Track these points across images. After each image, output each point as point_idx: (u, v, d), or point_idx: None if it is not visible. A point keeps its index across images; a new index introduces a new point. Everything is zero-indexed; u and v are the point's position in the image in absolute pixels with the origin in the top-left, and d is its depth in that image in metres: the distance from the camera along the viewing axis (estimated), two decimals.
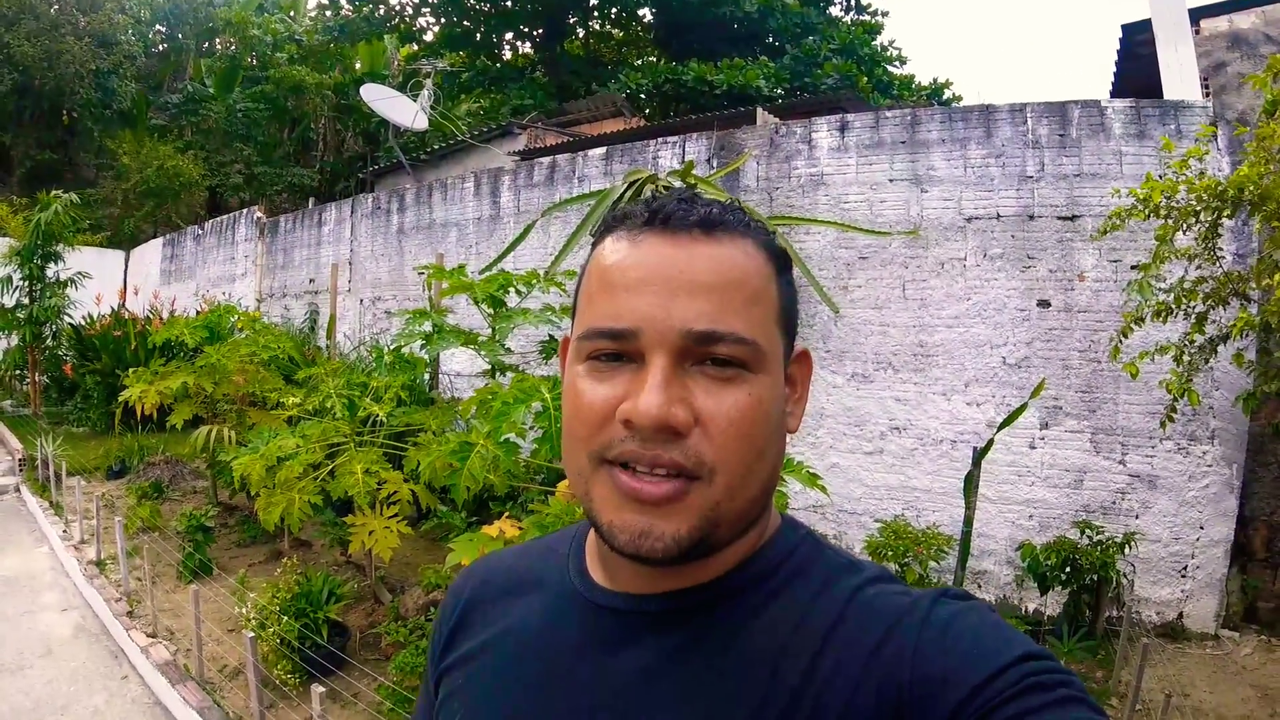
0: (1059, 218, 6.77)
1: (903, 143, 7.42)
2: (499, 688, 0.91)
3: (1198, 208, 4.50)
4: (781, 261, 0.86)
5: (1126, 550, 6.11)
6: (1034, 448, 6.73)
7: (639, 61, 22.94)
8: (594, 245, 0.87)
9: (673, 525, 0.77)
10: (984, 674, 0.70)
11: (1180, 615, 6.34)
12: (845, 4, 25.17)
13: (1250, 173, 4.26)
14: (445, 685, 0.98)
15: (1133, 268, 6.27)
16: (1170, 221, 4.65)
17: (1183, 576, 6.35)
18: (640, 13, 25.21)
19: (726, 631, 0.82)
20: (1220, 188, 4.38)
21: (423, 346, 6.28)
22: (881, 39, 24.52)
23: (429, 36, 26.20)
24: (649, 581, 0.85)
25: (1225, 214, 4.57)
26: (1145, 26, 8.25)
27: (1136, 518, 6.44)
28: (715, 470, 0.77)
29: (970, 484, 5.10)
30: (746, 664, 0.79)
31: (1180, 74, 7.38)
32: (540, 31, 24.91)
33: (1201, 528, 6.31)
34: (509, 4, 23.56)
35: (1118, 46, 9.38)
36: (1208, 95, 7.03)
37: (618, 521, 0.78)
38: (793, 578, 0.85)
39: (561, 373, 0.92)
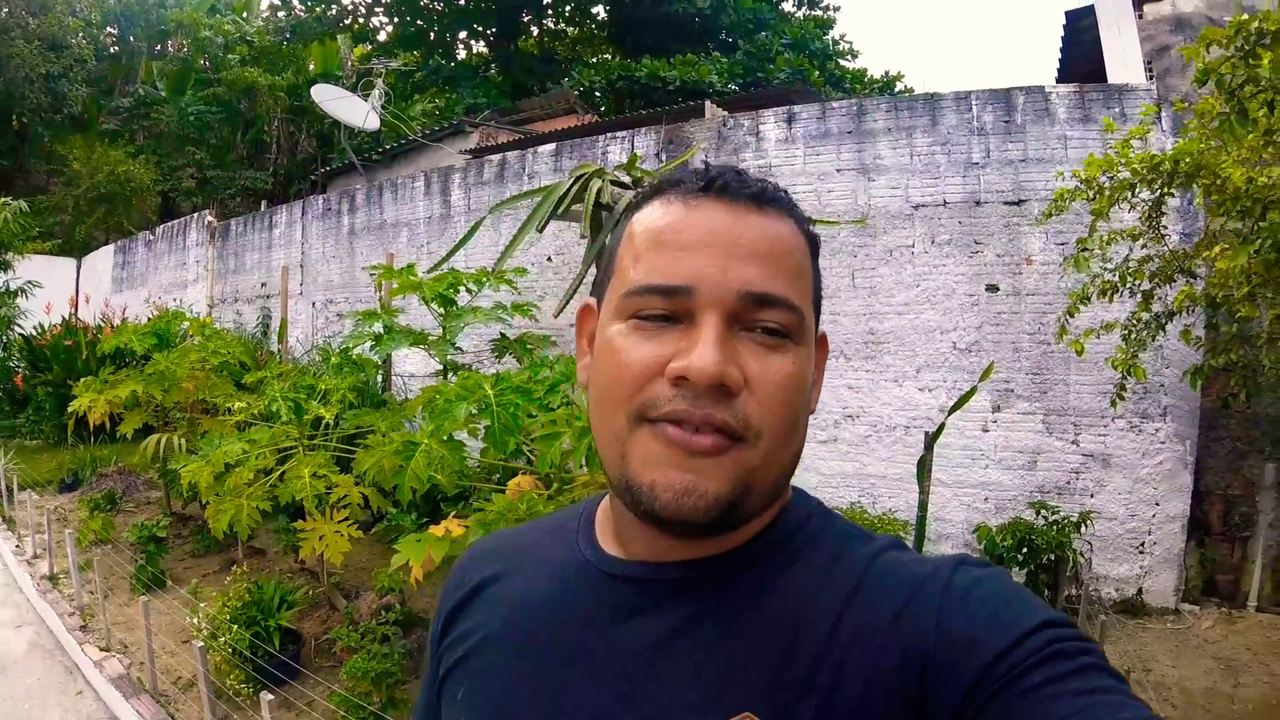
0: (1005, 203, 6.82)
1: (849, 133, 7.46)
2: (504, 661, 0.90)
3: (1133, 181, 4.52)
4: (815, 245, 0.88)
5: (1083, 529, 6.14)
6: (987, 431, 6.78)
7: (593, 59, 22.94)
8: (635, 208, 0.88)
9: (715, 483, 0.76)
10: (1008, 640, 0.71)
11: (1140, 591, 6.42)
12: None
13: (1188, 146, 4.29)
14: (446, 661, 0.97)
15: (1082, 250, 6.33)
16: (1106, 196, 4.67)
17: (1140, 553, 6.43)
18: (594, 10, 25.25)
19: (743, 598, 0.82)
20: (1156, 160, 4.39)
21: (372, 348, 6.23)
22: (834, 34, 24.75)
23: (383, 36, 26.08)
24: (664, 551, 0.85)
25: (1166, 190, 4.59)
26: (1089, 12, 8.32)
27: (1092, 496, 6.51)
28: (760, 434, 0.77)
29: (923, 468, 5.11)
30: (765, 630, 0.79)
31: (1124, 58, 7.46)
32: (494, 30, 24.87)
33: (1157, 504, 6.39)
34: (463, 3, 23.52)
35: (1062, 33, 9.46)
36: (1151, 78, 7.09)
37: (661, 480, 0.77)
38: (806, 546, 0.85)
39: (579, 341, 0.94)
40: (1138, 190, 4.57)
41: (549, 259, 9.30)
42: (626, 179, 6.35)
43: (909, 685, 0.72)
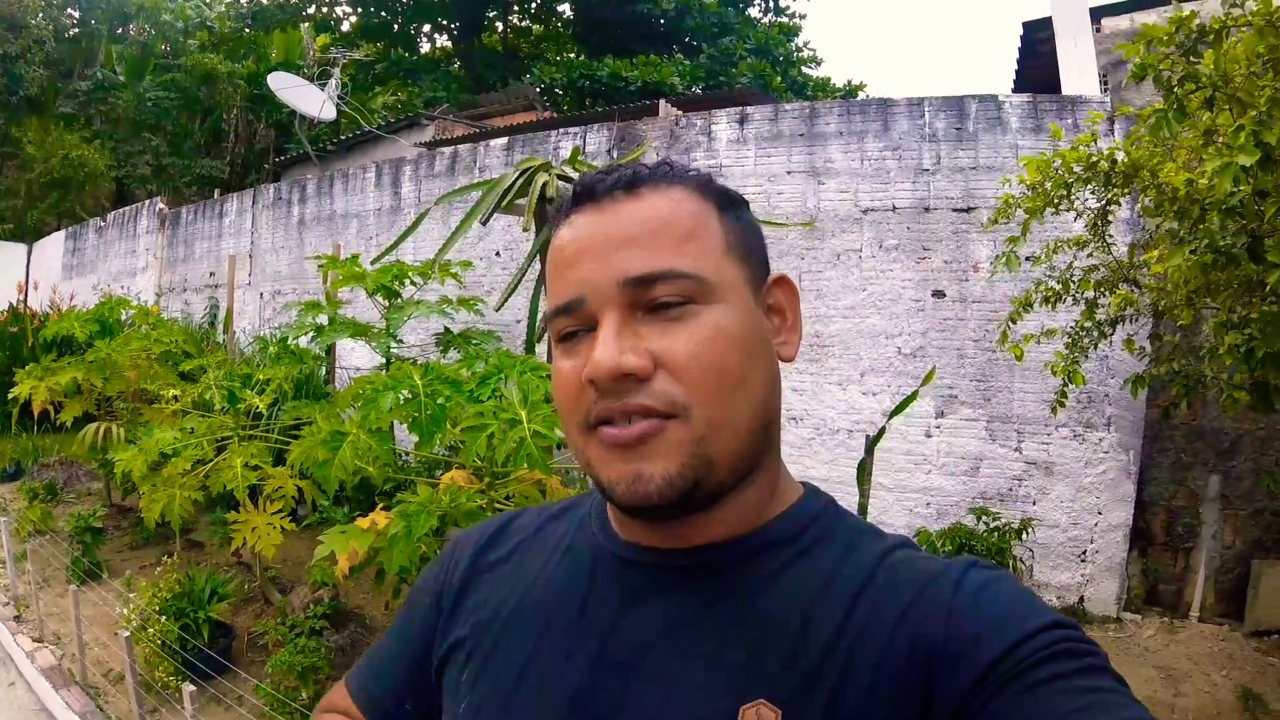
0: (954, 210, 6.84)
1: (801, 135, 7.45)
2: (515, 642, 0.91)
3: (1069, 180, 4.52)
4: (722, 198, 0.88)
5: (1024, 536, 6.19)
6: (930, 436, 6.80)
7: (557, 57, 22.89)
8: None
9: (660, 466, 0.78)
10: (1015, 637, 0.72)
11: (1081, 599, 6.44)
12: (764, 5, 25.38)
13: (1132, 150, 4.29)
14: (451, 634, 0.97)
15: (1027, 259, 6.35)
16: (1043, 196, 4.67)
17: (1082, 561, 6.45)
18: (559, 8, 25.18)
19: (753, 587, 0.83)
20: (1093, 160, 4.40)
21: (314, 339, 6.16)
22: (798, 41, 24.88)
23: (346, 27, 25.86)
24: (673, 538, 0.85)
25: (1112, 196, 4.60)
26: (1046, 24, 8.37)
27: (1034, 504, 6.53)
28: (689, 406, 0.78)
29: (863, 472, 5.13)
30: (776, 619, 0.80)
31: (1079, 69, 7.51)
32: (458, 25, 24.75)
33: (1100, 513, 6.42)
34: None
35: (1019, 44, 9.52)
36: (1106, 90, 7.15)
37: (612, 475, 0.80)
38: (818, 540, 0.86)
39: None
40: (1074, 191, 4.57)
41: (497, 254, 9.23)
42: (572, 173, 6.30)
43: (917, 677, 0.73)
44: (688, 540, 0.85)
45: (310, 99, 14.01)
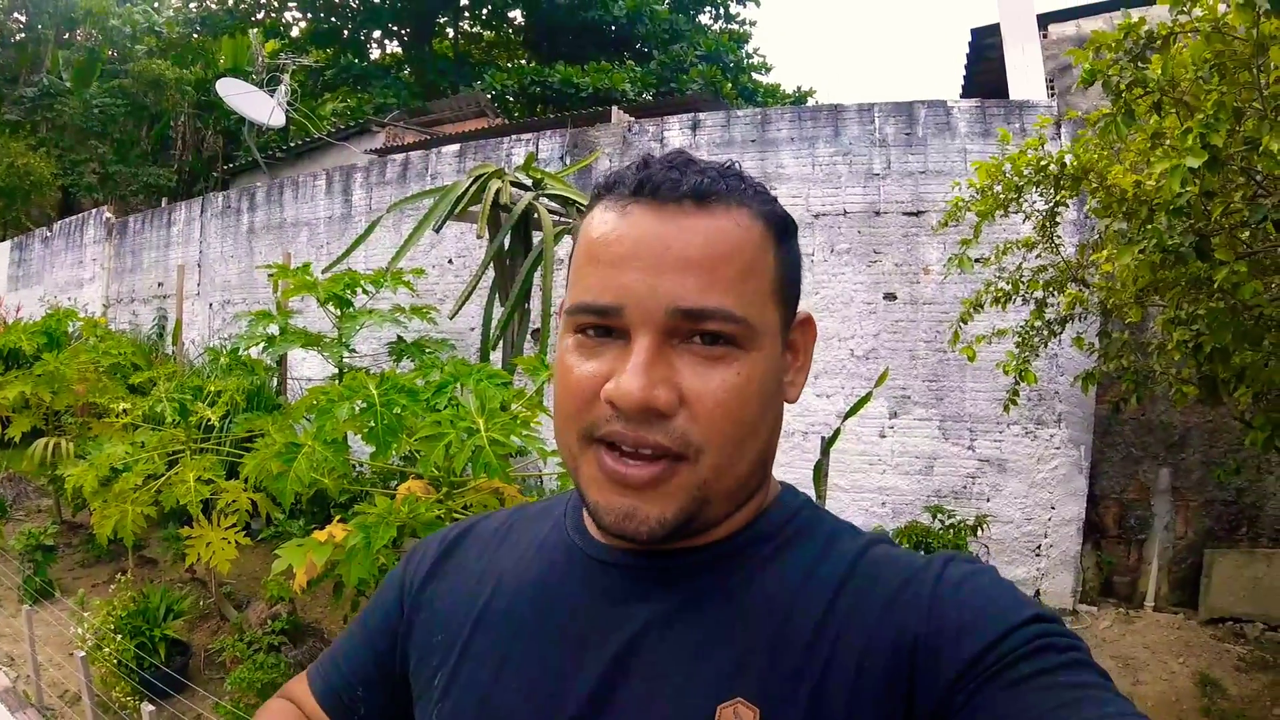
0: (905, 213, 6.93)
1: (753, 141, 7.52)
2: (490, 643, 0.89)
3: (1019, 183, 4.59)
4: (782, 228, 0.84)
5: (979, 532, 6.26)
6: (884, 436, 6.86)
7: (508, 64, 22.79)
8: (586, 211, 0.85)
9: (657, 508, 0.77)
10: (998, 631, 0.71)
11: (1038, 593, 6.52)
12: (714, 12, 25.49)
13: (1080, 152, 4.37)
14: (419, 635, 0.96)
15: (976, 261, 6.43)
16: (994, 199, 4.73)
17: (1037, 555, 6.55)
18: (511, 15, 25.08)
19: (733, 587, 0.82)
20: (1043, 162, 4.47)
21: (265, 349, 6.09)
22: (748, 48, 25.08)
23: (295, 32, 25.56)
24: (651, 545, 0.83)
25: (1060, 198, 4.67)
26: (994, 30, 8.45)
27: (988, 500, 6.63)
28: (702, 451, 0.76)
29: (819, 473, 5.14)
30: (756, 617, 0.79)
31: (1026, 74, 7.60)
32: (408, 31, 24.57)
33: (1053, 507, 6.53)
34: (377, 1, 23.18)
35: (967, 49, 9.59)
36: (1053, 95, 7.25)
37: (603, 502, 0.78)
38: (796, 537, 0.85)
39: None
40: (1025, 193, 4.64)
41: (450, 261, 9.18)
42: (526, 180, 6.29)
43: (900, 671, 0.73)
44: (669, 546, 0.83)
45: (259, 105, 13.87)
